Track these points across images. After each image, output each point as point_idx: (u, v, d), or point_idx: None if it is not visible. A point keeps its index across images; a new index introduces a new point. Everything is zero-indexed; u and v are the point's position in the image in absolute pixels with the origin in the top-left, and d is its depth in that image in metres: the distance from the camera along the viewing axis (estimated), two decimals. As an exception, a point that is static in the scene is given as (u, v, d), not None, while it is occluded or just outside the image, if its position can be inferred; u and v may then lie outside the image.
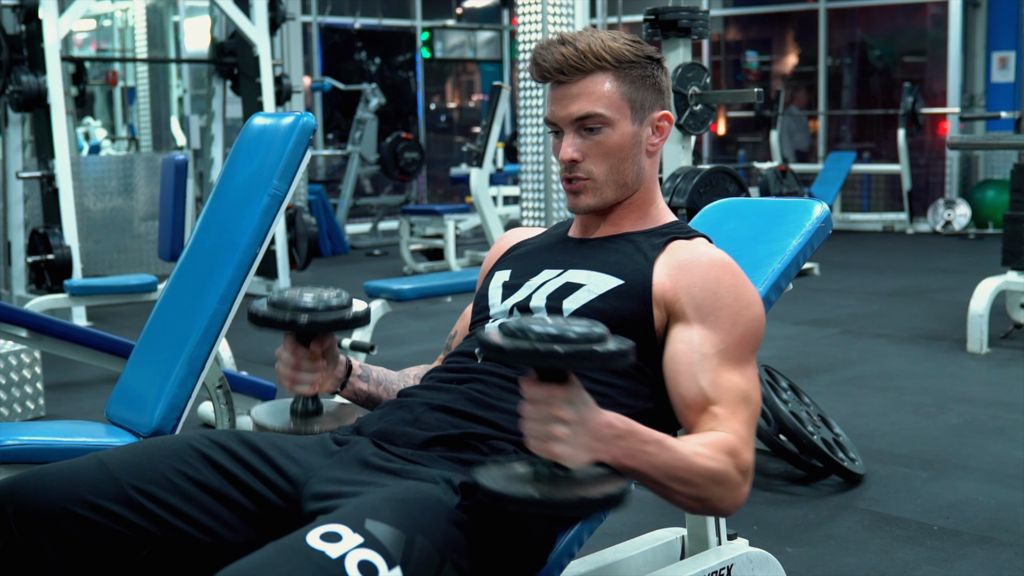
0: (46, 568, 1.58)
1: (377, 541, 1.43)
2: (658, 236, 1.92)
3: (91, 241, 8.23)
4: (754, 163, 11.47)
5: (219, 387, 2.87)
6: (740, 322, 1.77)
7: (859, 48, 13.72)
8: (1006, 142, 6.20)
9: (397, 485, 1.60)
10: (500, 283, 1.98)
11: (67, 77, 8.72)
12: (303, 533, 1.42)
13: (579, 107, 1.86)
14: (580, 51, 1.84)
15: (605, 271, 1.87)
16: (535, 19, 7.14)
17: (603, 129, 1.87)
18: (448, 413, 1.76)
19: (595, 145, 1.88)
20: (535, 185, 7.33)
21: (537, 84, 2.69)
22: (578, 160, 1.89)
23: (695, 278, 1.80)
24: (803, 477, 3.70)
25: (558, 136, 1.91)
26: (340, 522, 1.45)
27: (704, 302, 1.78)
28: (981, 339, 5.62)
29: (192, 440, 1.71)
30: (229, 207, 2.70)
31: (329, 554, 1.39)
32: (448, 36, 15.52)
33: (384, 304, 5.03)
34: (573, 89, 1.86)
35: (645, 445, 1.54)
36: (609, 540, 2.39)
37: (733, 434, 1.67)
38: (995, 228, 10.83)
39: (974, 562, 2.99)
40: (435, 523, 1.51)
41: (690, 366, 1.74)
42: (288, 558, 1.38)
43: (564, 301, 1.85)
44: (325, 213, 10.35)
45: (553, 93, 1.89)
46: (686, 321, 1.78)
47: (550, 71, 1.86)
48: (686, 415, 1.74)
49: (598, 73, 1.86)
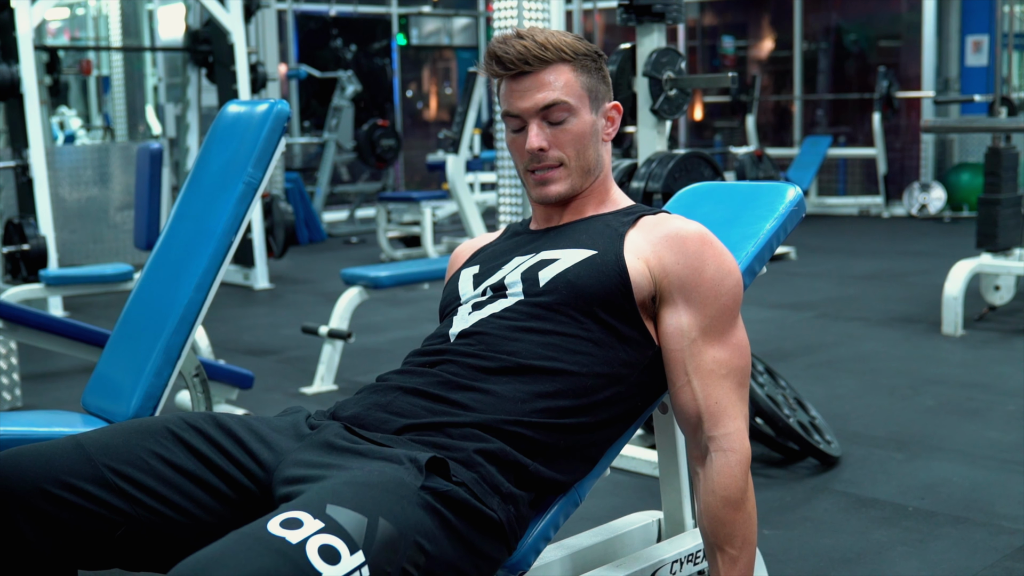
0: (25, 547, 1.59)
1: (338, 526, 1.44)
2: (625, 215, 1.98)
3: (67, 231, 8.19)
4: (730, 148, 11.50)
5: (196, 376, 2.86)
6: (722, 292, 1.86)
7: (834, 33, 13.75)
8: (979, 125, 6.24)
9: (362, 468, 1.60)
10: (470, 276, 2.01)
11: (41, 66, 8.68)
12: (265, 521, 1.43)
13: (545, 96, 1.90)
14: (540, 43, 1.88)
15: (576, 246, 1.91)
16: (511, 5, 7.12)
17: (568, 118, 1.91)
18: (421, 397, 1.77)
19: (561, 132, 1.92)
20: (511, 171, 7.32)
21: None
22: (545, 148, 1.92)
23: (677, 255, 1.86)
24: (779, 460, 3.72)
25: (519, 131, 1.94)
26: (301, 508, 1.45)
27: (688, 279, 1.85)
28: (956, 321, 5.65)
29: (169, 423, 1.72)
30: (204, 196, 2.70)
31: (290, 540, 1.39)
32: (424, 23, 15.48)
33: (361, 291, 5.03)
34: (536, 80, 1.90)
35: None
36: (586, 524, 2.41)
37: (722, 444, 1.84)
38: (970, 211, 10.89)
39: (948, 542, 3.02)
40: (398, 505, 1.52)
41: (680, 352, 1.86)
42: (248, 546, 1.38)
43: (539, 273, 1.88)
44: (302, 201, 10.33)
45: (513, 86, 1.92)
46: (672, 302, 1.86)
47: (514, 62, 1.89)
48: (680, 418, 1.89)
49: (559, 64, 1.90)
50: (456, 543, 1.59)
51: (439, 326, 1.98)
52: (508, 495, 1.69)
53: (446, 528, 1.57)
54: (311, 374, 5.04)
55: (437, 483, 1.59)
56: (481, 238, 2.19)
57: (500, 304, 1.88)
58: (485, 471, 1.67)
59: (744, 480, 1.83)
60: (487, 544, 1.65)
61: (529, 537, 1.78)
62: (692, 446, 1.88)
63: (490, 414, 1.73)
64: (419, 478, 1.58)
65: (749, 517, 1.84)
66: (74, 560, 1.63)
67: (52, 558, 1.61)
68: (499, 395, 1.75)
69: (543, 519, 1.81)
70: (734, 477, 1.83)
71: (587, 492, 1.90)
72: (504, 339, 1.81)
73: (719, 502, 1.83)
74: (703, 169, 3.88)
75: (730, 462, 1.83)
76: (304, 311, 6.84)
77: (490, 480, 1.67)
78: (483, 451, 1.69)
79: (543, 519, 1.81)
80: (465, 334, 1.85)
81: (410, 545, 1.50)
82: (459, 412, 1.74)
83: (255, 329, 6.40)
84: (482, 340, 1.82)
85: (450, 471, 1.63)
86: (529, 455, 1.74)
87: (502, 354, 1.79)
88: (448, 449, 1.68)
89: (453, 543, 1.58)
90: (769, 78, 14.10)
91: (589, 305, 1.83)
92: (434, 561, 1.53)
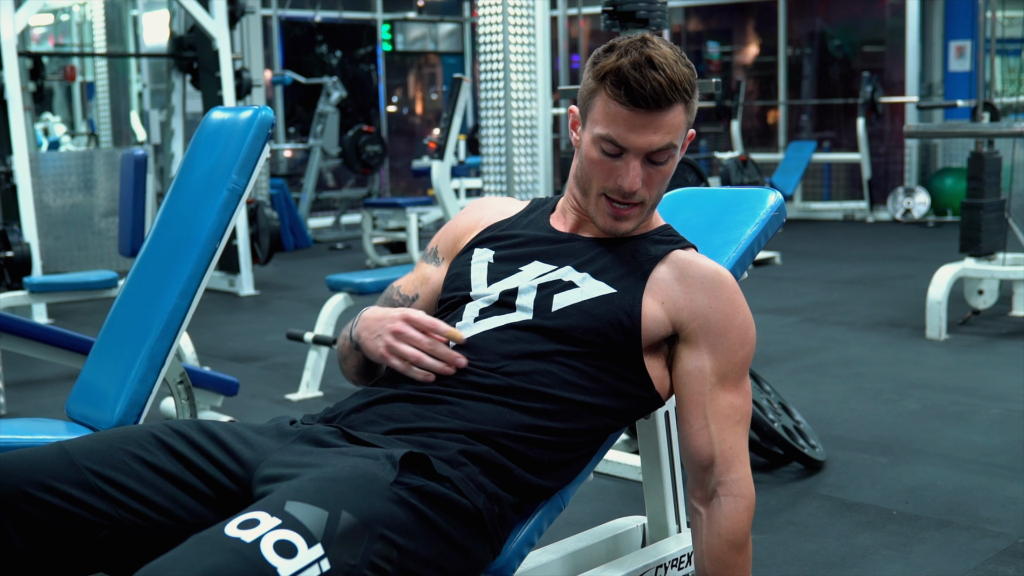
0: (12, 551, 1.60)
1: (296, 521, 1.43)
2: (655, 243, 1.93)
3: (51, 238, 8.17)
4: (715, 153, 11.51)
5: (180, 383, 2.86)
6: (747, 341, 1.87)
7: (819, 38, 13.80)
8: (963, 130, 6.27)
9: (335, 464, 1.59)
10: (483, 265, 1.96)
11: (24, 72, 8.65)
12: (224, 524, 1.42)
13: (661, 139, 1.80)
14: (672, 81, 1.76)
15: (599, 277, 1.87)
16: (495, 11, 7.14)
17: (668, 160, 1.83)
18: (410, 402, 1.77)
19: (656, 172, 1.84)
20: (497, 177, 7.33)
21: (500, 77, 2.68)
22: (637, 189, 1.84)
23: (711, 299, 1.85)
24: (764, 464, 3.73)
25: (612, 156, 1.82)
26: (260, 509, 1.45)
27: (718, 325, 1.85)
28: (940, 326, 5.68)
29: (153, 428, 1.73)
30: (188, 202, 2.70)
31: (244, 539, 1.39)
32: (409, 29, 15.48)
33: (347, 297, 5.03)
34: (657, 120, 1.78)
35: None
36: (570, 529, 2.41)
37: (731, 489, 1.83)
38: (954, 216, 10.95)
39: (932, 545, 3.03)
40: (364, 499, 1.50)
41: (700, 396, 1.85)
42: (203, 548, 1.38)
43: (555, 296, 1.85)
44: (287, 207, 10.31)
45: (631, 117, 1.78)
46: (696, 344, 1.85)
47: (647, 100, 1.76)
48: (690, 462, 1.87)
49: (678, 104, 1.80)
50: (435, 538, 1.58)
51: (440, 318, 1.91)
52: (493, 495, 1.69)
53: (423, 523, 1.56)
54: (296, 380, 5.03)
55: (411, 479, 1.58)
56: (501, 203, 2.12)
57: (506, 318, 1.85)
58: (470, 470, 1.67)
59: (749, 524, 1.84)
60: (470, 541, 1.64)
61: (513, 542, 1.78)
62: (696, 487, 1.87)
63: (477, 423, 1.73)
64: (392, 473, 1.57)
65: (748, 559, 1.85)
66: (61, 567, 1.63)
67: (41, 566, 1.61)
68: (488, 409, 1.75)
69: (527, 524, 1.81)
70: (741, 523, 1.83)
71: (571, 497, 1.90)
72: (502, 357, 1.80)
73: (725, 545, 1.83)
74: (687, 174, 3.90)
75: (739, 507, 1.83)
76: (289, 317, 6.84)
77: (475, 479, 1.67)
78: (468, 452, 1.69)
79: (527, 524, 1.81)
80: (465, 346, 1.82)
81: (377, 538, 1.48)
82: (446, 419, 1.74)
83: (240, 336, 6.39)
84: (480, 355, 1.80)
85: (433, 467, 1.62)
86: (514, 462, 1.74)
87: (497, 373, 1.78)
88: (433, 448, 1.68)
89: (431, 539, 1.57)
90: (754, 83, 14.14)
91: (595, 342, 1.82)
92: (409, 556, 1.52)
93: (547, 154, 7.34)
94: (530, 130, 7.23)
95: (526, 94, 7.18)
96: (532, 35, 7.13)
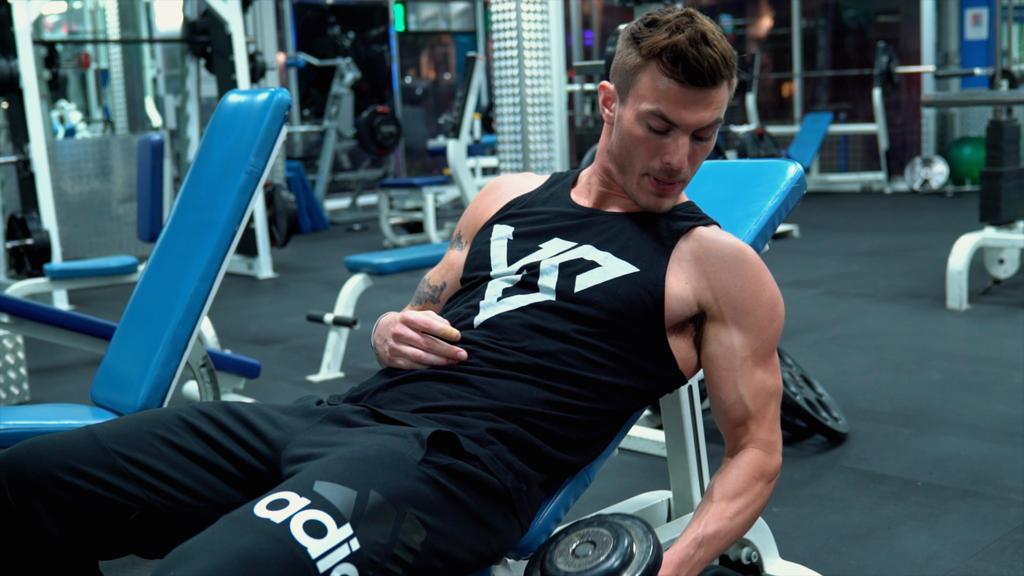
0: (44, 535, 1.61)
1: (325, 501, 1.43)
2: (679, 219, 1.92)
3: (69, 225, 8.20)
4: (731, 126, 11.48)
5: (203, 366, 2.87)
6: (774, 318, 1.87)
7: (833, 9, 13.71)
8: (980, 98, 6.23)
9: (363, 443, 1.60)
10: (503, 242, 1.96)
11: (39, 61, 8.67)
12: (252, 504, 1.43)
13: (711, 115, 1.80)
14: (724, 57, 1.76)
15: (621, 256, 1.86)
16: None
17: (712, 135, 1.84)
18: (438, 380, 1.77)
19: (700, 148, 1.84)
20: (513, 156, 7.32)
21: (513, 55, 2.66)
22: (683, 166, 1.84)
23: (736, 278, 1.85)
24: (787, 437, 3.72)
25: (659, 133, 1.81)
26: (289, 489, 1.45)
27: (745, 303, 1.85)
28: (961, 296, 5.65)
29: (179, 411, 1.74)
30: (206, 186, 2.70)
31: (274, 520, 1.39)
32: (421, 8, 15.44)
33: (365, 278, 5.04)
34: (709, 96, 1.78)
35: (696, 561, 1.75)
36: (596, 505, 2.41)
37: (762, 445, 1.85)
38: (972, 185, 10.88)
39: (958, 516, 3.02)
40: (392, 478, 1.51)
41: (731, 372, 1.85)
42: (233, 529, 1.38)
43: (578, 276, 1.85)
44: (304, 189, 10.32)
45: (683, 93, 1.77)
46: (723, 322, 1.85)
47: (703, 76, 1.75)
48: (723, 422, 1.88)
49: (727, 80, 1.80)
50: (463, 517, 1.58)
51: (462, 297, 1.94)
52: (521, 473, 1.69)
53: (452, 501, 1.57)
54: (317, 362, 5.04)
55: (439, 457, 1.59)
56: (519, 180, 2.12)
57: (529, 298, 1.84)
58: (498, 448, 1.68)
59: (773, 474, 1.85)
60: (498, 519, 1.64)
61: (540, 518, 1.78)
62: (730, 446, 1.89)
63: (505, 401, 1.73)
64: (420, 452, 1.57)
65: (760, 495, 1.83)
66: (92, 550, 1.65)
67: (72, 549, 1.62)
68: (515, 387, 1.75)
69: (553, 500, 1.81)
70: (763, 464, 1.84)
71: (596, 473, 1.90)
72: (526, 337, 1.80)
73: (742, 470, 1.83)
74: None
75: (768, 459, 1.85)
76: (309, 299, 6.85)
77: (503, 457, 1.67)
78: (496, 430, 1.69)
79: (553, 500, 1.81)
80: (488, 325, 1.83)
81: (405, 517, 1.49)
82: (474, 397, 1.74)
83: (260, 318, 6.41)
84: (504, 334, 1.80)
85: (462, 446, 1.63)
86: (542, 440, 1.74)
87: (523, 352, 1.78)
88: (461, 426, 1.68)
89: (459, 517, 1.57)
90: (768, 56, 14.07)
91: (618, 323, 1.81)
92: (437, 534, 1.52)
93: (563, 131, 7.32)
94: (545, 107, 7.21)
95: (540, 71, 7.16)
96: (545, 12, 7.10)
